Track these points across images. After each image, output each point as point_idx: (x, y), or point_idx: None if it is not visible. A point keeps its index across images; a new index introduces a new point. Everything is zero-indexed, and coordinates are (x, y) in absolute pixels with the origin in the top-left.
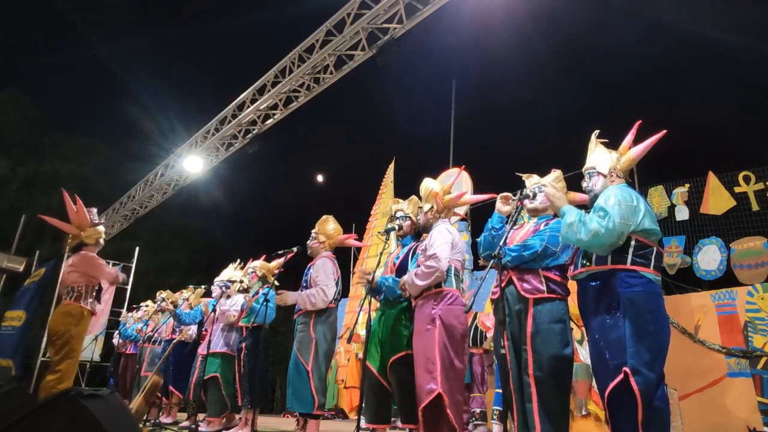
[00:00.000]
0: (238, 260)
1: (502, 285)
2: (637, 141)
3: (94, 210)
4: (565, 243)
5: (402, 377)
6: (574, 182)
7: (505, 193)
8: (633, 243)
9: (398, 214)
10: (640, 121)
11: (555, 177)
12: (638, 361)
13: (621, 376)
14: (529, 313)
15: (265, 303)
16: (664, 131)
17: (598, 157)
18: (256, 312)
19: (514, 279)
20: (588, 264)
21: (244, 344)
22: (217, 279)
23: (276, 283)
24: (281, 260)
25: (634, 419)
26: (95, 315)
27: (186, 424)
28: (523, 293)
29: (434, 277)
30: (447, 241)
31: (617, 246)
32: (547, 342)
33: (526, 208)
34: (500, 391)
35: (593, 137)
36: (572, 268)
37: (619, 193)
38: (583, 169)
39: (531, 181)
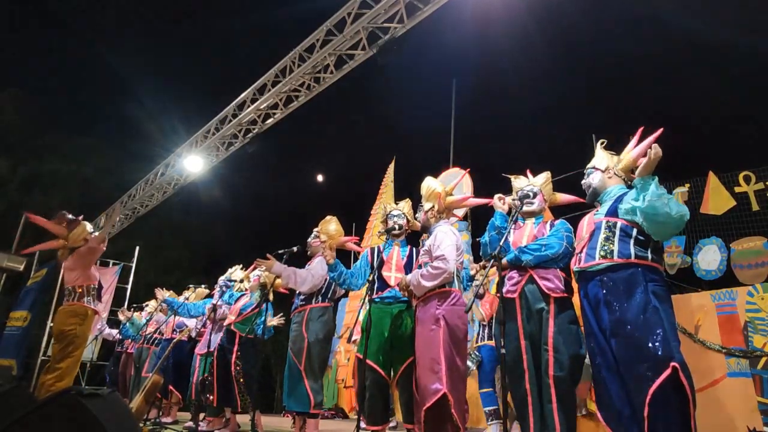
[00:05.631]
0: (241, 265)
1: (522, 283)
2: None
3: (66, 214)
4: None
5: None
6: (573, 182)
7: (498, 195)
8: (653, 241)
9: (394, 212)
10: (643, 128)
11: (545, 178)
12: (681, 356)
13: (669, 371)
14: (551, 312)
15: (265, 310)
16: (661, 129)
17: (598, 157)
18: (252, 326)
19: (536, 277)
20: (608, 256)
21: (234, 349)
22: (221, 278)
23: (270, 297)
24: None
25: (684, 417)
26: (98, 314)
27: (190, 424)
28: (546, 291)
29: (442, 279)
30: (453, 243)
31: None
32: (568, 342)
33: (520, 210)
34: (486, 390)
35: (598, 145)
36: (578, 261)
37: None
38: (585, 171)
39: (520, 182)
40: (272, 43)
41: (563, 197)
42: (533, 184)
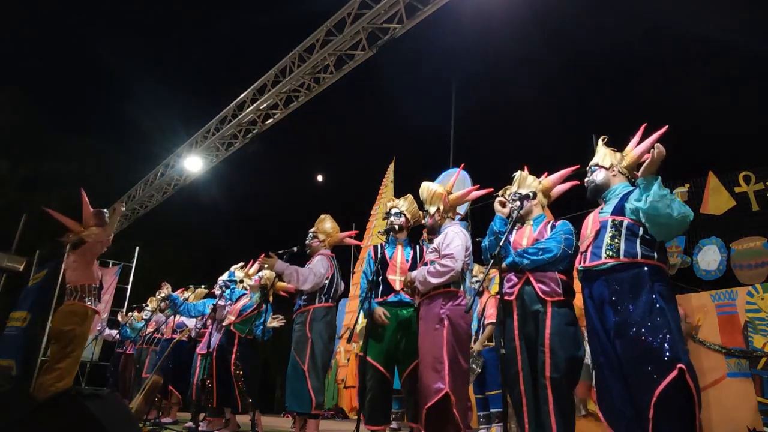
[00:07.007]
0: (241, 263)
1: (519, 286)
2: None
3: (106, 212)
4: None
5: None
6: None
7: (499, 198)
8: (658, 241)
9: (393, 211)
10: (645, 125)
11: (533, 180)
12: (688, 358)
13: (675, 372)
14: (548, 314)
15: (264, 311)
16: (665, 127)
17: (601, 154)
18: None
19: (533, 280)
20: (615, 255)
21: (234, 350)
22: (220, 278)
23: (270, 298)
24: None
25: (689, 419)
26: (98, 314)
27: (190, 424)
28: (542, 295)
29: (448, 277)
30: (463, 243)
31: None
32: (564, 343)
33: (516, 215)
34: (495, 393)
35: (600, 142)
36: (583, 260)
37: None
38: (587, 168)
39: (512, 188)
40: (272, 43)
41: (559, 186)
42: (520, 191)
